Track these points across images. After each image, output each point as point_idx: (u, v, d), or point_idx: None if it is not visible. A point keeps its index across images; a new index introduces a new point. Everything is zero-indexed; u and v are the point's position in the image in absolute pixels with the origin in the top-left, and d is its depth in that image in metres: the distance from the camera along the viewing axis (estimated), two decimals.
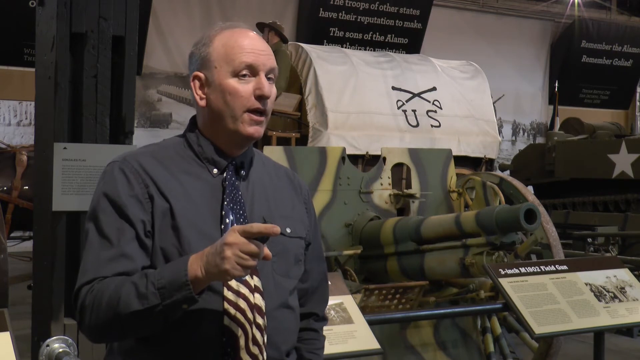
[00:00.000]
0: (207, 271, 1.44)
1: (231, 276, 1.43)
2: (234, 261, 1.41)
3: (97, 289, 1.52)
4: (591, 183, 9.96)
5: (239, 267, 1.41)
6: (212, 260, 1.43)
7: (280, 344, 1.65)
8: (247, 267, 1.42)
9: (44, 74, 3.65)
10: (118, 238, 1.55)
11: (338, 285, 3.18)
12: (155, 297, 1.46)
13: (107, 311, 1.49)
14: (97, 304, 1.51)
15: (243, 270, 1.42)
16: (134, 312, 1.46)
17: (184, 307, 1.47)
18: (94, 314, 1.51)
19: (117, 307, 1.47)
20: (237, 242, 1.41)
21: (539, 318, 3.22)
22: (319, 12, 12.89)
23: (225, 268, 1.41)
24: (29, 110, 11.22)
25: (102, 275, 1.53)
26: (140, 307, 1.46)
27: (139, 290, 1.47)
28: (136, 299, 1.47)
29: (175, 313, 1.48)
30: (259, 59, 1.63)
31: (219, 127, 1.66)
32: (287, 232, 1.71)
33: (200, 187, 1.64)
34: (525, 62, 16.03)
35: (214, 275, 1.44)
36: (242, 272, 1.43)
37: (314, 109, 6.51)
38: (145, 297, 1.46)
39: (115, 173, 1.62)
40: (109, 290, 1.50)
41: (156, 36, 11.75)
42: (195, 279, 1.45)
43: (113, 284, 1.51)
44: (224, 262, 1.41)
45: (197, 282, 1.45)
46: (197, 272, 1.45)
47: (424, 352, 4.32)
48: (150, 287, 1.47)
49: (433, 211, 4.89)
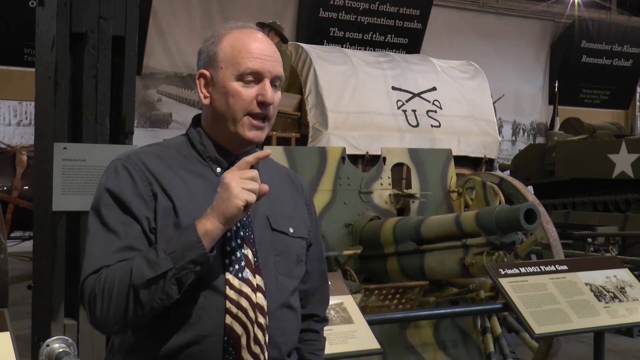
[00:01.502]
0: (218, 215, 1.48)
1: (242, 200, 1.47)
2: (239, 186, 1.48)
3: (105, 275, 1.51)
4: (591, 183, 9.96)
5: (244, 190, 1.48)
6: (219, 200, 1.49)
7: (281, 344, 1.65)
8: (252, 190, 1.48)
9: (44, 74, 3.65)
10: (125, 232, 1.56)
11: (338, 285, 3.18)
12: (167, 262, 1.47)
13: (119, 289, 1.48)
14: (108, 286, 1.50)
15: (249, 194, 1.48)
16: (148, 281, 1.47)
17: (197, 269, 1.49)
18: (105, 298, 1.50)
19: (129, 281, 1.47)
20: (235, 174, 1.50)
21: (539, 318, 3.22)
22: (319, 12, 12.89)
23: (235, 192, 1.47)
24: (29, 110, 11.22)
25: (107, 264, 1.53)
26: (153, 274, 1.47)
27: (149, 260, 1.48)
28: (148, 267, 1.48)
29: (189, 277, 1.49)
30: (265, 65, 1.63)
31: (221, 127, 1.66)
32: (289, 232, 1.71)
33: (203, 186, 1.64)
34: (525, 62, 16.03)
35: (226, 212, 1.48)
36: (251, 195, 1.48)
37: (314, 109, 6.51)
38: (157, 264, 1.47)
39: (119, 170, 1.62)
40: (118, 270, 1.50)
41: (156, 36, 11.75)
42: (206, 233, 1.48)
43: (121, 265, 1.51)
44: (230, 191, 1.47)
45: (208, 236, 1.48)
46: (206, 225, 1.49)
47: (424, 352, 4.32)
48: (161, 253, 1.48)
49: (433, 211, 4.89)
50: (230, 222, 1.50)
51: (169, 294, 1.49)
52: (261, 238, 1.66)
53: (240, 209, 1.48)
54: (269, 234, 1.68)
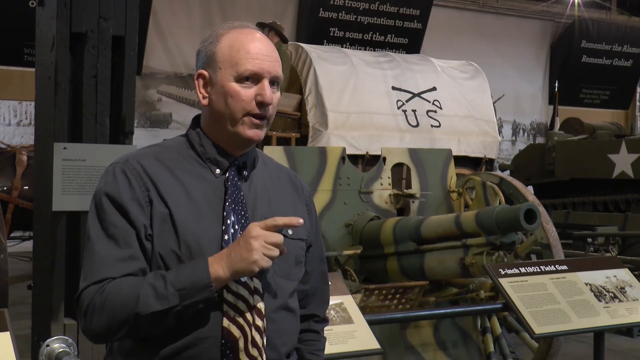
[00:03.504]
0: (232, 268, 1.50)
1: (259, 266, 1.50)
2: (261, 252, 1.50)
3: (108, 290, 1.52)
4: (591, 183, 9.96)
5: (265, 257, 1.50)
6: (238, 255, 1.50)
7: (280, 346, 1.65)
8: (272, 257, 1.52)
9: (44, 74, 3.65)
10: (125, 239, 1.56)
11: (338, 285, 3.18)
12: (175, 298, 1.49)
13: (122, 311, 1.50)
14: (109, 303, 1.50)
15: (268, 261, 1.51)
16: (153, 313, 1.49)
17: (200, 307, 1.52)
18: (104, 315, 1.51)
19: (135, 307, 1.49)
20: (261, 234, 1.51)
21: (539, 318, 3.22)
22: (319, 12, 12.89)
23: (255, 258, 1.49)
24: (29, 110, 11.22)
25: (110, 276, 1.53)
26: (159, 307, 1.49)
27: (157, 292, 1.50)
28: (155, 300, 1.49)
29: (191, 312, 1.52)
30: (263, 66, 1.62)
31: (220, 128, 1.66)
32: (288, 233, 1.71)
33: (202, 188, 1.64)
34: (525, 62, 16.03)
35: (240, 270, 1.50)
36: (268, 263, 1.51)
37: (314, 109, 6.51)
38: (165, 298, 1.49)
39: (117, 174, 1.61)
40: (123, 291, 1.51)
41: (156, 36, 11.75)
42: (217, 279, 1.51)
43: (126, 284, 1.52)
44: (252, 253, 1.49)
45: (218, 281, 1.51)
46: (218, 272, 1.51)
47: (424, 352, 4.32)
48: (170, 288, 1.50)
49: (433, 211, 4.89)
50: (240, 277, 1.54)
51: (168, 324, 1.53)
52: None
53: (254, 272, 1.52)
54: None
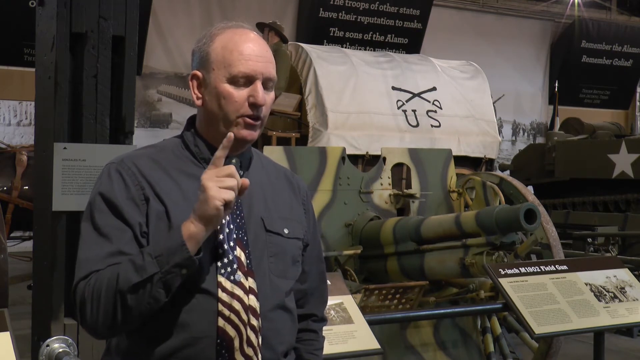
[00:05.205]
0: (199, 217, 1.47)
1: (219, 199, 1.46)
2: (215, 187, 1.46)
3: (94, 280, 1.52)
4: (591, 183, 9.96)
5: (221, 189, 1.46)
6: (198, 204, 1.48)
7: (276, 345, 1.65)
8: (229, 188, 1.47)
9: (44, 74, 3.65)
10: (117, 237, 1.56)
11: (338, 285, 3.18)
12: (153, 266, 1.47)
13: (107, 294, 1.49)
14: (96, 292, 1.51)
15: (227, 192, 1.46)
16: (134, 286, 1.47)
17: (183, 273, 1.49)
18: (94, 303, 1.51)
19: (116, 286, 1.48)
20: (210, 174, 1.48)
21: (539, 318, 3.22)
22: (319, 12, 12.89)
23: (211, 194, 1.45)
24: (29, 110, 11.22)
25: (96, 269, 1.54)
26: (139, 278, 1.47)
27: (136, 264, 1.49)
28: (134, 272, 1.48)
29: (176, 280, 1.49)
30: (256, 67, 1.62)
31: (214, 128, 1.66)
32: (284, 233, 1.71)
33: (197, 187, 1.64)
34: (525, 62, 16.03)
35: (206, 214, 1.47)
36: (229, 194, 1.47)
37: (314, 109, 6.51)
38: (143, 269, 1.48)
39: (112, 174, 1.62)
40: (106, 275, 1.51)
41: (156, 36, 11.75)
42: (190, 236, 1.47)
43: (109, 270, 1.52)
44: (206, 192, 1.46)
45: (193, 239, 1.48)
46: (190, 228, 1.48)
47: (424, 352, 4.32)
48: (147, 257, 1.49)
49: (433, 211, 4.89)
50: (213, 223, 1.50)
51: (157, 298, 1.49)
52: (255, 239, 1.66)
53: (219, 209, 1.47)
54: (264, 235, 1.68)
